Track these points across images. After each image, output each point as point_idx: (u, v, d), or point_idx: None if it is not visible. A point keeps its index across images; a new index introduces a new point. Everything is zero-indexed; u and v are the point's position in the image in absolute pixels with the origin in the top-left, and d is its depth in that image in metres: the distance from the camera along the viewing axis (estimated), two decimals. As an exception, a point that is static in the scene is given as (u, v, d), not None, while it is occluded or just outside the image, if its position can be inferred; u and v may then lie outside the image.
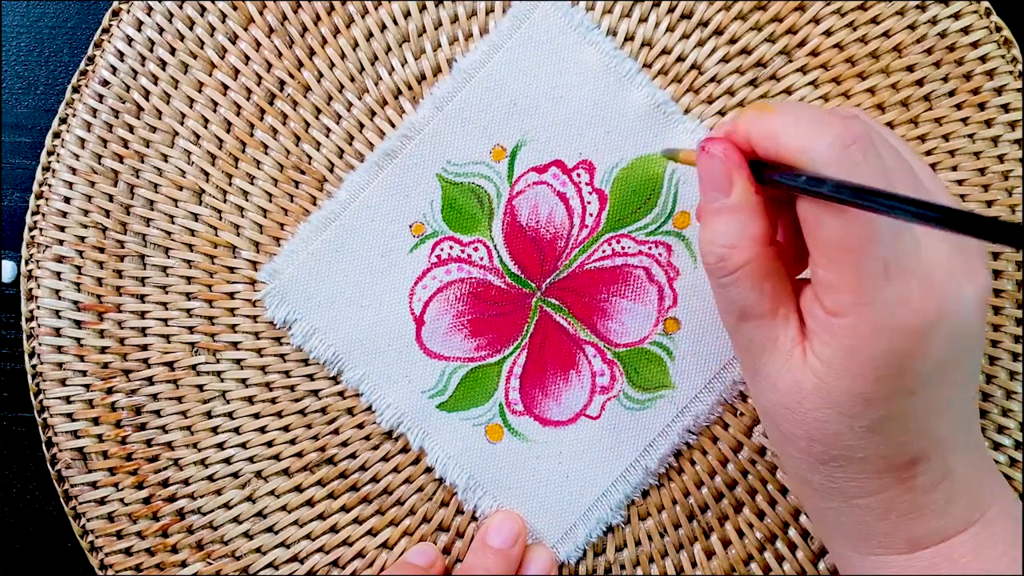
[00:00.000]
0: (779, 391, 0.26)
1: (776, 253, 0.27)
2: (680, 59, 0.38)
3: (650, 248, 0.37)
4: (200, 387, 0.38)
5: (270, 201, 0.38)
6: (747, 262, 0.26)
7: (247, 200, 0.38)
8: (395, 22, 0.38)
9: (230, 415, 0.37)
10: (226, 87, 0.38)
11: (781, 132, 0.25)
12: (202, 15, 0.38)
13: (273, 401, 0.38)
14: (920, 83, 0.38)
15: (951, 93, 0.37)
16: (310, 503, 0.37)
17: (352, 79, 0.38)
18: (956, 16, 0.37)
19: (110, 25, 0.38)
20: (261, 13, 0.38)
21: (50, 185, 0.38)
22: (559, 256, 0.37)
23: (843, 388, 0.25)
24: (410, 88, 0.38)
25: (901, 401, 0.25)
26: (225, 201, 0.38)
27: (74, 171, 0.38)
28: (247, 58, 0.38)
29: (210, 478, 0.37)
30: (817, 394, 0.25)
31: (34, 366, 0.37)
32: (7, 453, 0.40)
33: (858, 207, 0.22)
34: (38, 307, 0.37)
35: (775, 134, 0.25)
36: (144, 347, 0.38)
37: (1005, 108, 0.37)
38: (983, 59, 0.37)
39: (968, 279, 0.25)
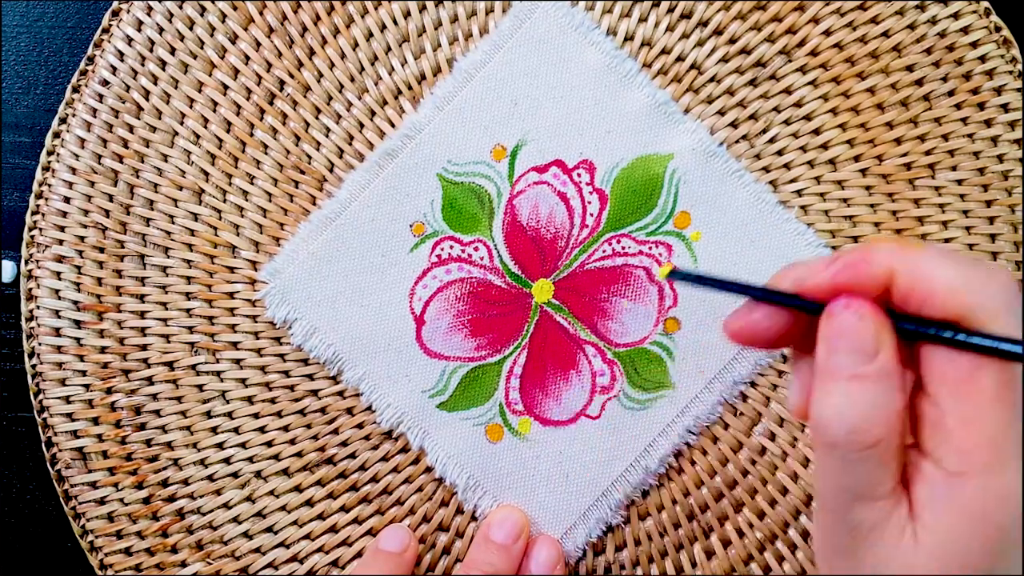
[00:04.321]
0: None
1: (905, 429, 0.24)
2: (680, 59, 0.38)
3: (650, 248, 0.37)
4: (200, 387, 0.37)
5: (270, 201, 0.38)
6: (884, 438, 0.23)
7: (247, 200, 0.38)
8: (395, 22, 0.38)
9: (230, 415, 0.37)
10: (226, 87, 0.38)
11: (937, 269, 0.22)
12: (202, 15, 0.38)
13: (273, 401, 0.37)
14: (920, 83, 0.38)
15: (950, 93, 0.37)
16: (310, 503, 0.37)
17: (352, 79, 0.38)
18: (955, 16, 0.37)
19: (110, 25, 0.38)
20: (261, 13, 0.38)
21: (50, 185, 0.38)
22: (559, 256, 0.37)
23: (959, 563, 0.22)
24: (410, 88, 0.38)
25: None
26: (225, 201, 0.38)
27: (74, 171, 0.38)
28: (247, 58, 0.38)
29: (210, 478, 0.37)
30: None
31: (34, 366, 0.37)
32: (7, 453, 0.40)
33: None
34: (38, 307, 0.37)
35: (924, 270, 0.22)
36: (144, 347, 0.37)
37: (1004, 108, 0.37)
38: (982, 59, 0.37)
39: None
